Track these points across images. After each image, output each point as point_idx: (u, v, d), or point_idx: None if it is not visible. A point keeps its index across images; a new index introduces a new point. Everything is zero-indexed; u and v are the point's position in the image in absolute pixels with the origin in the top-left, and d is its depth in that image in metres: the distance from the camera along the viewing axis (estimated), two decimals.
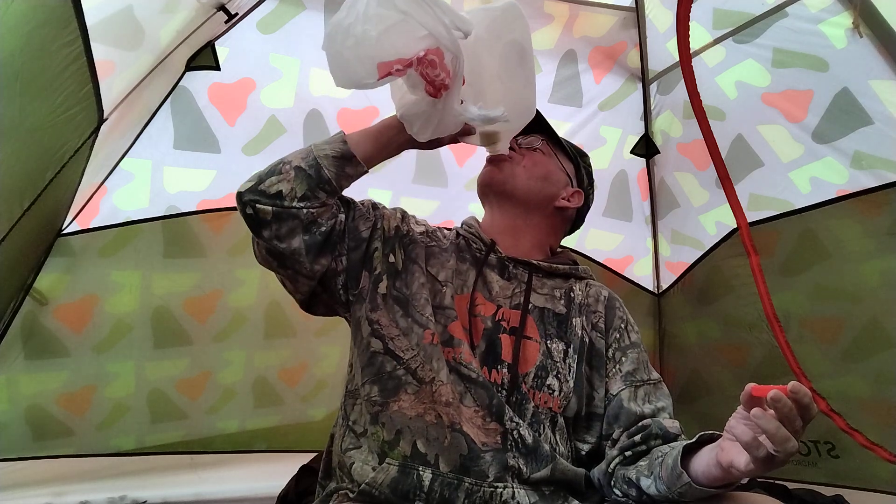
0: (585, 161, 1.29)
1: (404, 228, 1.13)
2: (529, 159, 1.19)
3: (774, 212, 1.77)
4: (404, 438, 0.95)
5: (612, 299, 1.17)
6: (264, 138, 1.74)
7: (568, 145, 1.27)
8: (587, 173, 1.28)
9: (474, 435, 0.95)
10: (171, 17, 1.41)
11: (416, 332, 1.01)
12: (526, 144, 1.21)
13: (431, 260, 1.10)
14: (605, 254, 2.11)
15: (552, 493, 0.96)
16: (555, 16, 1.90)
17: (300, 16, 1.72)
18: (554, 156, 1.23)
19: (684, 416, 2.07)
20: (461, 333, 1.02)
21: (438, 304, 1.04)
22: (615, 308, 1.15)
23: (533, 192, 1.17)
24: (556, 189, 1.19)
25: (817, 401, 1.61)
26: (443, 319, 1.03)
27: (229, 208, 1.73)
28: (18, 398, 1.55)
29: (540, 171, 1.18)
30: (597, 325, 1.11)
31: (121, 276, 1.64)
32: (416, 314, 1.02)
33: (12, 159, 1.11)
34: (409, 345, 1.00)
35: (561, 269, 1.15)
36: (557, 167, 1.21)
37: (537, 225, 1.18)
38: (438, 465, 0.93)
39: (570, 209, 1.23)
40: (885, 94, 1.51)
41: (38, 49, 1.06)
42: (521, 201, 1.16)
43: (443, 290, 1.06)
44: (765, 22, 1.70)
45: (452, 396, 0.96)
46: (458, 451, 0.94)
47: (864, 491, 1.61)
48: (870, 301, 1.60)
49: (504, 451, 0.95)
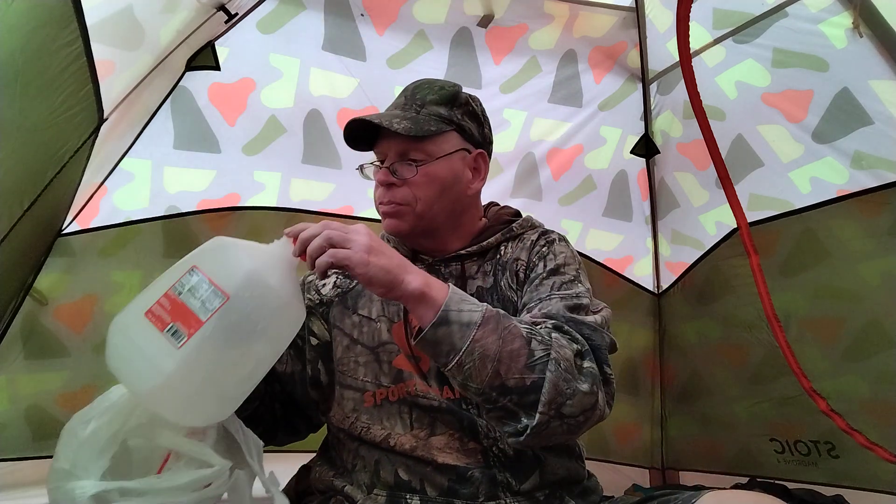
0: (459, 101, 1.03)
1: (314, 300, 1.08)
2: (414, 187, 0.99)
3: (774, 212, 1.77)
4: (384, 469, 0.94)
5: (539, 239, 1.04)
6: (264, 138, 1.74)
7: (427, 106, 1.00)
8: (470, 113, 1.04)
9: (455, 460, 0.92)
10: (171, 17, 1.41)
11: (352, 397, 0.99)
12: (398, 180, 0.99)
13: (360, 301, 1.04)
14: (605, 254, 2.11)
15: (547, 496, 0.93)
16: (555, 16, 1.90)
17: (300, 16, 1.73)
18: (431, 156, 0.99)
19: (684, 416, 2.09)
20: (407, 364, 0.97)
21: (378, 343, 1.00)
22: (537, 246, 1.02)
23: (442, 209, 1.01)
24: (461, 184, 1.02)
25: (817, 401, 1.62)
26: (386, 356, 0.98)
27: (229, 208, 1.73)
28: (18, 398, 1.55)
29: (434, 189, 0.99)
30: (519, 277, 1.00)
31: (121, 276, 1.64)
32: (349, 380, 1.00)
33: (12, 159, 1.11)
34: (344, 414, 0.99)
35: (493, 244, 1.04)
36: (444, 161, 1.00)
37: (458, 218, 1.05)
38: (425, 490, 0.91)
39: (483, 176, 1.06)
40: (885, 94, 1.52)
41: (38, 49, 1.06)
42: (434, 220, 1.01)
43: (378, 326, 1.00)
44: (765, 22, 1.70)
45: (417, 440, 0.93)
46: (445, 475, 0.91)
47: (864, 491, 1.61)
48: (870, 301, 1.60)
49: (490, 468, 0.92)
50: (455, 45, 1.88)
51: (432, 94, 1.02)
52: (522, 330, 0.81)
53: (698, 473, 2.02)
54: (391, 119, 0.97)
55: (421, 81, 1.06)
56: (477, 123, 1.06)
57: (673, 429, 2.12)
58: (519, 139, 1.98)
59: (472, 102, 1.06)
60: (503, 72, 1.94)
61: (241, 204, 1.75)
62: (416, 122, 0.98)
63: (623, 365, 2.12)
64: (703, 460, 2.03)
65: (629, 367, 2.13)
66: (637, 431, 2.14)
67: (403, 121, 0.97)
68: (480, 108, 1.08)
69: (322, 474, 1.01)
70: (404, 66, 1.84)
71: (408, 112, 1.01)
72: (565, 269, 0.99)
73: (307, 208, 1.81)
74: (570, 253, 1.03)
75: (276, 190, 1.78)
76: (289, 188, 1.79)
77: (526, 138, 1.99)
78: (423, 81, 1.06)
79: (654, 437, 2.14)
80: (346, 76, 1.79)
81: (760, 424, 1.83)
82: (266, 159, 1.76)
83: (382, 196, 1.00)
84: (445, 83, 1.04)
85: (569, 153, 2.03)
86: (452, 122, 1.01)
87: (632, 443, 2.14)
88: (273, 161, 1.76)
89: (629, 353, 2.13)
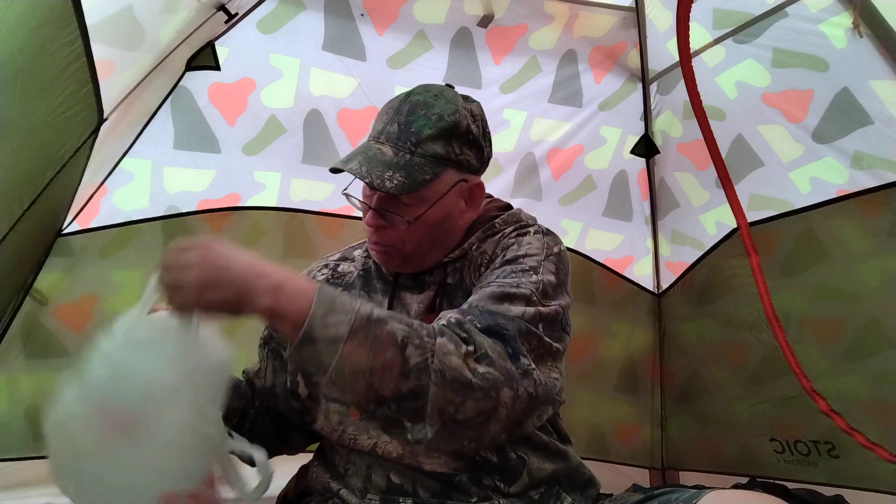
0: (458, 132, 0.93)
1: None
2: (403, 231, 0.93)
3: (774, 212, 1.77)
4: (376, 473, 0.93)
5: (511, 232, 0.97)
6: (264, 138, 1.74)
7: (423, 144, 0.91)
8: (470, 142, 0.95)
9: (441, 467, 0.90)
10: (171, 17, 1.41)
11: (338, 410, 0.96)
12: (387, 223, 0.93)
13: None
14: (605, 254, 2.11)
15: (542, 495, 0.92)
16: (555, 16, 1.90)
17: (300, 16, 1.73)
18: (425, 202, 0.92)
19: (684, 416, 2.09)
20: None
21: None
22: (507, 238, 0.96)
23: (431, 245, 0.96)
24: (453, 219, 0.96)
25: (817, 401, 1.62)
26: None
27: (229, 208, 1.73)
28: (18, 398, 1.55)
29: (424, 232, 0.94)
30: (480, 270, 0.95)
31: (121, 276, 1.64)
32: (334, 393, 0.96)
33: (12, 159, 1.11)
34: (331, 427, 0.97)
35: (473, 242, 0.99)
36: (438, 204, 0.93)
37: (447, 243, 0.99)
38: (418, 493, 0.90)
39: (478, 204, 1.00)
40: (885, 94, 1.52)
41: (38, 49, 1.05)
42: (424, 255, 0.97)
43: None
44: (765, 22, 1.70)
45: (403, 447, 0.91)
46: (436, 478, 0.90)
47: (864, 491, 1.61)
48: (870, 301, 1.60)
49: (476, 472, 0.90)
50: (455, 45, 1.88)
51: (429, 128, 0.91)
52: (398, 334, 0.75)
53: (698, 473, 2.02)
54: (382, 174, 0.88)
55: (417, 101, 0.94)
56: (477, 150, 0.96)
57: (673, 429, 2.12)
58: (519, 139, 1.98)
59: (472, 128, 0.95)
60: (503, 72, 1.94)
61: (241, 204, 1.75)
62: (409, 173, 0.89)
63: (623, 365, 2.13)
64: (703, 460, 2.03)
65: (629, 367, 2.13)
66: (637, 431, 2.14)
67: (396, 174, 0.89)
68: (481, 127, 0.97)
69: (318, 475, 1.01)
70: (404, 66, 1.84)
71: (401, 153, 0.91)
72: (524, 260, 0.91)
73: (307, 208, 1.81)
74: (540, 245, 0.94)
75: (276, 190, 1.78)
76: (289, 188, 1.79)
77: (526, 138, 1.99)
78: (419, 102, 0.94)
79: (654, 437, 2.14)
80: (346, 76, 1.79)
81: (760, 424, 1.83)
82: (266, 159, 1.76)
83: (370, 235, 0.96)
84: (444, 111, 0.93)
85: (569, 153, 2.03)
86: (449, 160, 0.92)
87: (632, 443, 2.14)
88: (273, 161, 1.76)
89: (629, 353, 2.13)
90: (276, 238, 1.80)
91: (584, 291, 2.05)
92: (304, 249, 1.80)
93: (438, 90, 0.96)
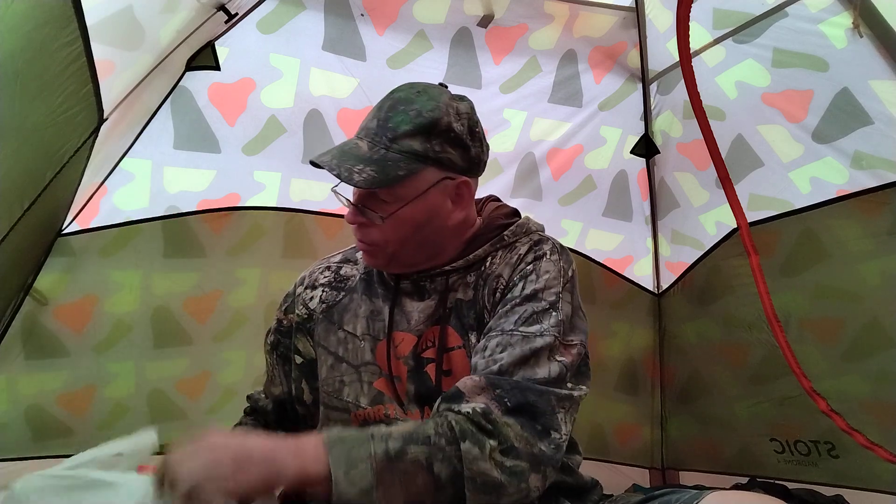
0: (438, 130, 0.90)
1: (301, 315, 1.07)
2: (384, 230, 0.92)
3: (774, 212, 1.77)
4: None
5: (527, 253, 0.95)
6: (264, 138, 1.74)
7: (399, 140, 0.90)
8: (452, 140, 0.92)
9: None
10: (171, 17, 1.41)
11: (339, 418, 1.00)
12: (367, 220, 0.93)
13: (345, 316, 1.02)
14: (605, 254, 2.11)
15: (540, 500, 0.90)
16: (555, 16, 1.90)
17: (300, 16, 1.72)
18: (401, 199, 0.91)
19: (684, 416, 2.09)
20: (387, 388, 0.97)
21: (362, 362, 0.99)
22: (523, 262, 0.94)
23: (417, 246, 0.95)
24: (439, 219, 0.94)
25: (817, 401, 1.62)
26: (367, 377, 0.98)
27: (229, 208, 1.73)
28: (18, 398, 1.55)
29: (405, 231, 0.92)
30: (496, 296, 0.93)
31: (121, 276, 1.64)
32: (335, 401, 1.00)
33: (12, 159, 1.11)
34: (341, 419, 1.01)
35: (480, 255, 0.97)
36: (418, 201, 0.91)
37: (438, 247, 0.97)
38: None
39: (467, 204, 0.97)
40: (885, 94, 1.51)
41: (38, 49, 1.05)
42: (411, 257, 0.96)
43: (362, 345, 0.99)
44: (765, 22, 1.69)
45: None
46: None
47: (864, 491, 1.62)
48: (870, 301, 1.60)
49: None
50: (455, 45, 1.88)
51: (406, 124, 0.89)
52: (420, 457, 0.75)
53: (698, 473, 2.02)
54: (352, 167, 0.87)
55: (398, 98, 0.93)
56: (461, 149, 0.93)
57: (673, 429, 2.12)
58: (519, 139, 1.98)
59: (455, 126, 0.91)
60: (503, 72, 1.94)
61: (242, 204, 1.75)
62: (381, 168, 0.88)
63: (623, 365, 2.13)
64: (703, 460, 2.03)
65: (629, 367, 2.13)
66: (637, 431, 2.14)
67: (367, 167, 0.87)
68: (467, 127, 0.93)
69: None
70: (404, 66, 1.84)
71: (376, 148, 0.89)
72: (543, 295, 0.90)
73: (307, 208, 1.81)
74: (557, 272, 0.92)
75: (277, 190, 1.78)
76: (289, 188, 1.79)
77: (526, 138, 1.99)
78: (400, 99, 0.93)
79: (654, 437, 2.14)
80: (346, 76, 1.79)
81: (760, 424, 1.83)
82: (266, 159, 1.76)
83: (354, 232, 0.96)
84: (424, 107, 0.90)
85: (569, 153, 2.03)
86: (427, 157, 0.90)
87: (632, 443, 2.14)
88: (273, 161, 1.76)
89: (629, 353, 2.13)
90: (276, 238, 1.80)
91: (584, 291, 2.00)
92: (304, 249, 1.81)
93: (423, 87, 0.94)
